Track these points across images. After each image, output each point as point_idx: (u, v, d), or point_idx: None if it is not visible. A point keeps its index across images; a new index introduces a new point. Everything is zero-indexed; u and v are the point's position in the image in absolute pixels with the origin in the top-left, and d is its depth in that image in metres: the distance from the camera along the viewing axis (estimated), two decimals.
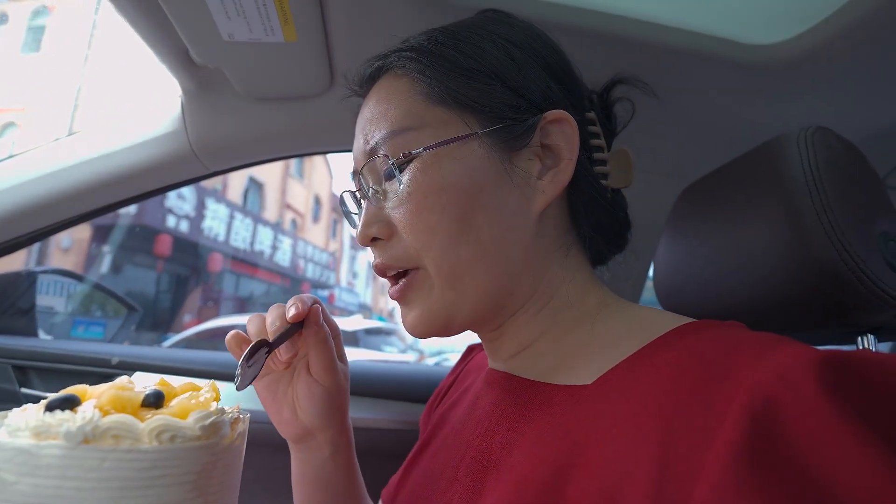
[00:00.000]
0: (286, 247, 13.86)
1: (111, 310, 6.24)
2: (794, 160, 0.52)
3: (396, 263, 0.43)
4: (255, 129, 0.81)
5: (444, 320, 0.43)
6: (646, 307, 0.42)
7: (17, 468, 0.25)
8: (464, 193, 0.40)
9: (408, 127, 0.42)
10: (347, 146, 0.90)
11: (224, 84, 0.76)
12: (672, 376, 0.30)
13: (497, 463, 0.38)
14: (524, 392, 0.42)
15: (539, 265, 0.43)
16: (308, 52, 0.69)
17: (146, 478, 0.26)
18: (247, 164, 0.87)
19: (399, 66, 0.44)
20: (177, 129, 0.79)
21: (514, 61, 0.43)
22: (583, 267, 0.46)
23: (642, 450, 0.28)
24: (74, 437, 0.26)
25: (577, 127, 0.42)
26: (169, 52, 0.70)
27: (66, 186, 0.79)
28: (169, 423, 0.28)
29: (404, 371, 1.02)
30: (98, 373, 0.88)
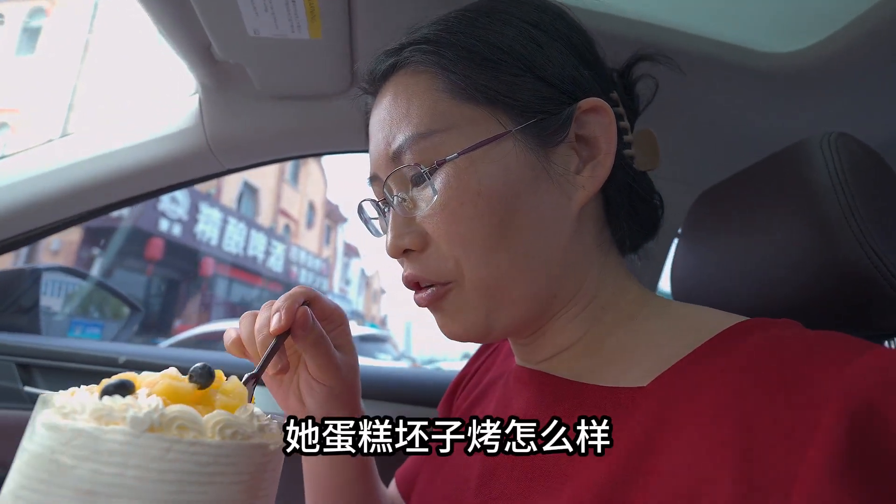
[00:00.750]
0: (279, 252, 13.78)
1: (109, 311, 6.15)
2: (819, 164, 0.52)
3: (432, 277, 0.41)
4: (272, 127, 0.81)
5: (484, 330, 0.41)
6: (686, 304, 0.41)
7: (76, 451, 0.24)
8: (502, 197, 0.38)
9: (434, 129, 0.39)
10: (364, 148, 0.90)
11: (243, 81, 0.76)
12: (745, 378, 0.29)
13: (545, 467, 0.37)
14: (568, 393, 0.40)
15: (579, 265, 0.42)
16: (330, 51, 0.69)
17: (206, 473, 0.25)
18: (262, 163, 0.86)
19: (416, 60, 0.41)
20: (194, 125, 0.79)
21: (541, 47, 0.40)
22: (617, 261, 0.45)
23: (720, 455, 0.27)
24: (141, 424, 0.25)
25: (614, 114, 0.40)
26: (190, 46, 0.69)
27: (80, 181, 0.78)
28: (230, 418, 0.27)
29: (409, 375, 1.02)
30: (104, 372, 0.86)
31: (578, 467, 0.34)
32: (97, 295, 5.64)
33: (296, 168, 15.70)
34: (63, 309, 4.55)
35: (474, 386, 0.59)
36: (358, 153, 0.88)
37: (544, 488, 0.36)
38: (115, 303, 6.70)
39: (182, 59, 0.73)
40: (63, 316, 4.50)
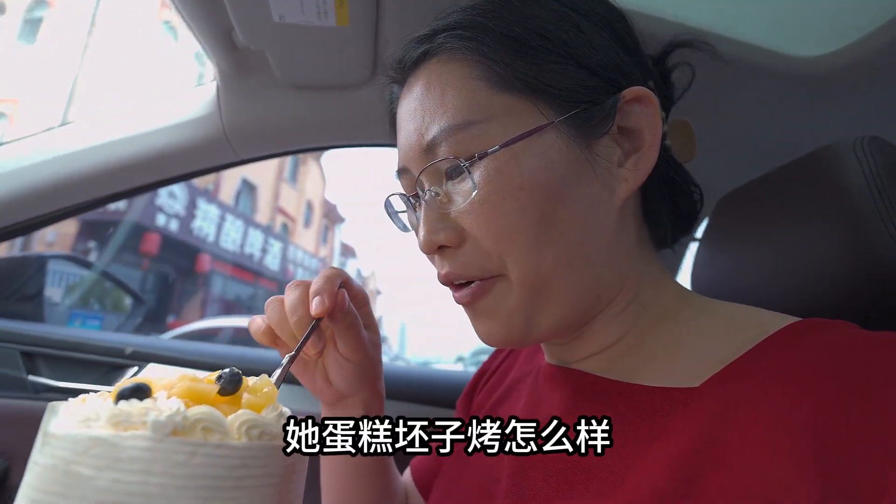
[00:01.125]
0: (276, 251, 13.73)
1: (109, 303, 6.09)
2: (854, 167, 0.52)
3: (472, 273, 0.39)
4: (290, 117, 0.79)
5: (525, 331, 0.39)
6: (730, 304, 0.40)
7: (95, 461, 0.22)
8: (545, 191, 0.36)
9: (472, 120, 0.37)
10: (383, 141, 0.89)
11: (262, 68, 0.75)
12: (813, 378, 0.28)
13: (593, 471, 0.35)
14: (610, 393, 0.39)
15: (621, 262, 0.41)
16: (355, 39, 0.68)
17: (235, 477, 0.24)
18: (278, 154, 0.85)
19: (452, 47, 0.39)
20: (211, 113, 0.77)
21: (582, 32, 0.38)
22: (655, 258, 0.44)
23: (795, 458, 0.26)
24: (163, 428, 0.23)
25: (659, 104, 0.39)
26: (211, 31, 0.68)
27: (93, 166, 0.76)
28: (256, 418, 0.26)
29: (422, 374, 1.00)
30: (110, 363, 0.85)
31: (630, 469, 0.33)
32: (98, 286, 5.58)
33: (295, 166, 15.67)
34: (63, 300, 4.49)
35: (496, 385, 0.58)
36: (376, 147, 0.87)
37: (587, 490, 0.35)
38: (115, 295, 6.64)
39: (202, 45, 0.72)
40: (63, 307, 4.45)
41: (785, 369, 0.29)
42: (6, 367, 0.79)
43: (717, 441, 0.29)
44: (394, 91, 0.48)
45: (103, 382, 0.83)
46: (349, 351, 0.45)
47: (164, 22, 10.83)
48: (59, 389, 0.81)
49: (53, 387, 0.80)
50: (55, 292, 4.18)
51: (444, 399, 0.93)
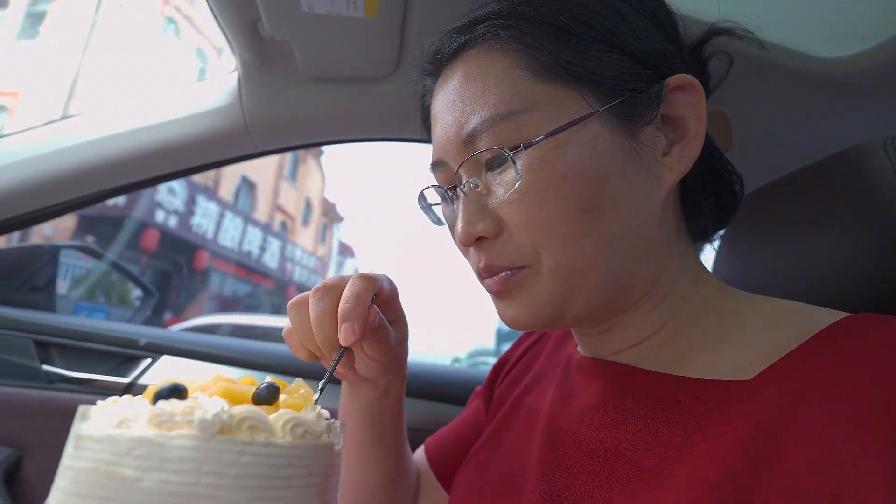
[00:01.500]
0: (275, 249, 13.70)
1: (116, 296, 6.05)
2: (885, 166, 0.52)
3: (507, 264, 0.39)
4: (311, 110, 0.79)
5: (553, 318, 0.39)
6: (774, 299, 0.39)
7: (140, 462, 0.22)
8: (589, 181, 0.36)
9: (515, 110, 0.36)
10: (404, 135, 0.89)
11: (285, 60, 0.74)
12: (882, 372, 0.27)
13: (636, 464, 0.34)
14: (651, 385, 0.38)
15: (661, 254, 0.40)
16: (381, 32, 0.68)
17: (282, 476, 0.24)
18: (298, 146, 0.84)
19: (493, 37, 0.38)
20: (232, 104, 0.77)
21: (625, 19, 0.38)
22: (692, 250, 0.44)
23: (861, 455, 0.25)
24: (210, 427, 0.22)
25: (704, 92, 0.38)
26: (237, 21, 0.67)
27: (112, 155, 0.76)
28: (300, 417, 0.26)
29: (433, 371, 1.00)
30: (123, 353, 0.84)
31: (679, 462, 0.32)
32: (104, 279, 5.55)
33: (294, 164, 15.66)
34: (69, 292, 4.46)
35: (520, 375, 0.58)
36: (396, 141, 0.87)
37: (630, 482, 0.34)
38: (122, 289, 6.61)
39: (226, 35, 0.71)
40: (68, 299, 4.41)
41: (847, 361, 0.29)
42: (20, 356, 0.79)
43: (779, 433, 0.29)
44: (426, 84, 0.47)
45: (116, 373, 0.83)
46: (375, 353, 0.45)
47: (166, 18, 10.81)
48: (72, 379, 0.80)
49: (67, 377, 0.79)
50: (61, 284, 4.15)
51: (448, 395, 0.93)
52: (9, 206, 0.75)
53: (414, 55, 0.47)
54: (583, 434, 0.40)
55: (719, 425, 0.32)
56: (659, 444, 0.34)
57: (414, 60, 0.47)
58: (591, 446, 0.39)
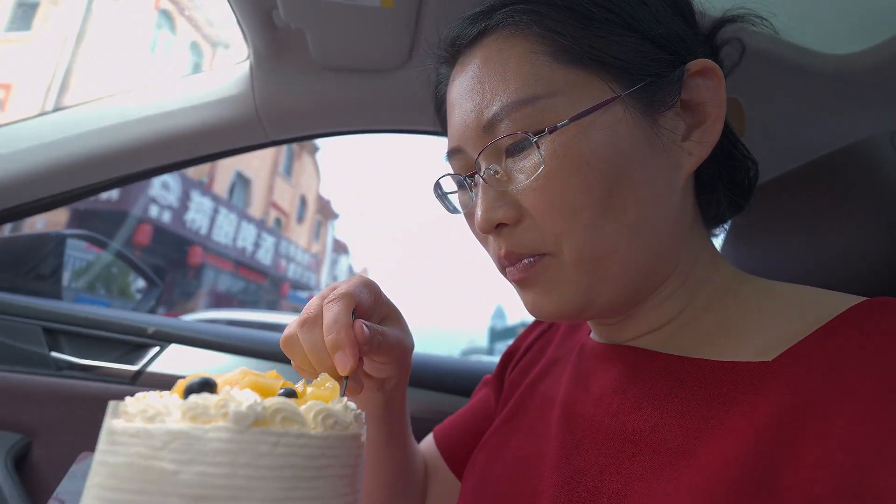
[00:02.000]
0: (269, 245, 13.64)
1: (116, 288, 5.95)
2: (893, 160, 0.53)
3: (528, 251, 0.39)
4: (323, 100, 0.79)
5: (580, 308, 0.39)
6: (790, 284, 0.40)
7: (177, 455, 0.22)
8: (612, 167, 0.36)
9: (537, 94, 0.36)
10: (415, 126, 0.89)
11: (298, 49, 0.74)
12: None
13: (658, 445, 0.35)
14: (670, 368, 0.38)
15: (681, 240, 0.41)
16: (396, 21, 0.68)
17: (315, 467, 0.24)
18: (309, 136, 0.85)
19: (513, 22, 0.38)
20: (243, 92, 0.77)
21: (646, 4, 0.38)
22: (707, 237, 0.44)
23: (884, 429, 0.26)
24: (244, 419, 0.23)
25: (723, 77, 0.38)
26: (253, 9, 0.68)
27: (121, 142, 0.75)
28: (330, 408, 0.26)
29: (438, 362, 1.01)
30: (132, 342, 0.84)
31: (702, 443, 0.32)
32: (105, 271, 5.47)
33: (289, 160, 15.59)
34: (69, 283, 4.40)
35: (531, 363, 0.58)
36: (407, 133, 0.87)
37: (652, 464, 0.34)
38: (122, 281, 6.53)
39: (240, 24, 0.71)
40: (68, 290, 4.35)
41: (871, 342, 0.30)
42: (29, 342, 0.78)
43: (802, 413, 0.29)
44: (441, 72, 0.47)
45: (125, 361, 0.83)
46: (381, 359, 0.44)
47: (161, 11, 10.71)
48: (80, 367, 0.80)
49: (75, 364, 0.79)
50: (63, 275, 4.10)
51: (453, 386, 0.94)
52: (9, 195, 0.75)
53: (429, 45, 0.47)
54: (601, 418, 0.41)
55: (742, 405, 0.32)
56: (680, 425, 0.34)
57: (430, 49, 0.47)
58: (610, 430, 0.39)
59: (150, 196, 9.25)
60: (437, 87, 0.49)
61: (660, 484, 0.33)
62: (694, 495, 0.30)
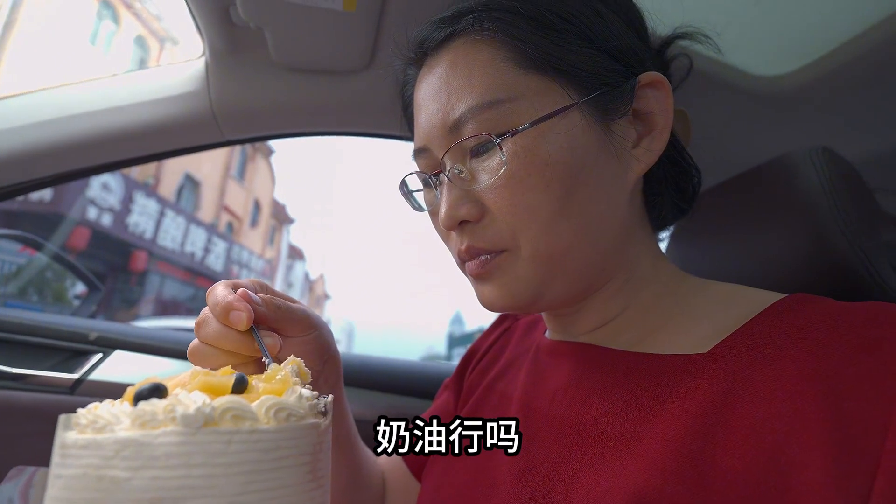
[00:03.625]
0: (220, 250, 13.09)
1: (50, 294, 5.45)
2: (811, 173, 0.58)
3: (488, 246, 0.41)
4: (281, 100, 0.78)
5: (530, 301, 0.41)
6: (721, 283, 0.44)
7: (129, 462, 0.22)
8: (568, 169, 0.38)
9: (500, 98, 0.38)
10: (375, 130, 0.89)
11: (257, 48, 0.73)
12: (820, 339, 0.31)
13: (606, 433, 0.37)
14: (618, 362, 0.41)
15: (627, 239, 0.43)
16: (358, 25, 0.68)
17: (270, 459, 0.25)
18: (266, 137, 0.83)
19: (479, 28, 0.40)
20: (198, 90, 0.75)
21: (602, 18, 0.40)
22: (654, 243, 0.47)
23: (805, 409, 0.29)
24: (193, 421, 0.23)
25: (671, 90, 0.41)
26: (209, 6, 0.66)
27: (66, 137, 0.71)
28: (281, 401, 0.26)
29: (398, 365, 1.01)
30: (71, 348, 0.79)
31: (646, 428, 0.35)
32: (38, 275, 5.05)
33: (243, 163, 15.07)
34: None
35: (490, 364, 0.60)
36: (365, 136, 0.87)
37: (601, 450, 0.36)
38: (58, 286, 6.02)
39: (195, 19, 0.70)
40: None
41: (789, 333, 0.33)
42: None
43: (733, 398, 0.32)
44: (409, 73, 0.48)
45: (63, 369, 0.77)
46: (292, 326, 0.43)
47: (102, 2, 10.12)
48: (12, 376, 0.74)
49: (6, 373, 0.74)
50: None
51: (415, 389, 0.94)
52: None
53: (397, 46, 0.48)
54: (555, 411, 0.43)
55: (680, 394, 0.35)
56: (626, 414, 0.37)
57: (398, 50, 0.47)
58: (563, 422, 0.41)
59: (88, 198, 8.67)
60: (403, 88, 0.51)
61: (607, 468, 0.35)
62: (637, 477, 0.32)
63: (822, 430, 0.28)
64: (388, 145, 0.95)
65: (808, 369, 0.30)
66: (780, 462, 0.28)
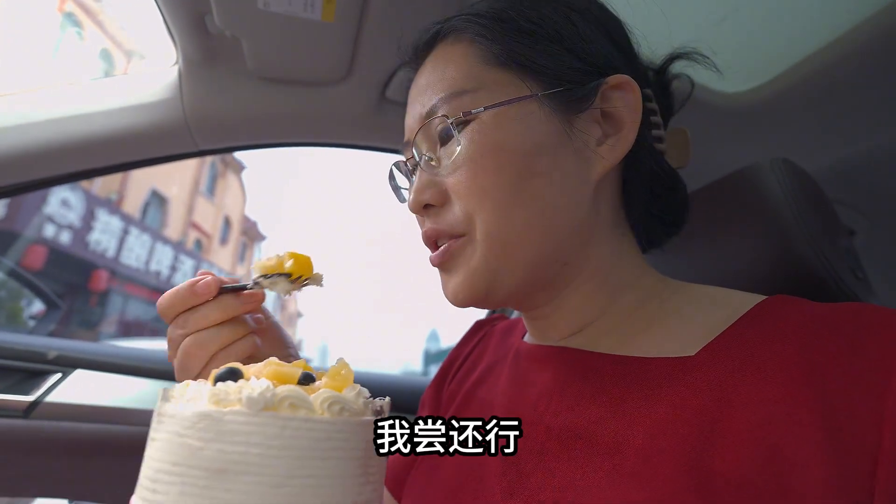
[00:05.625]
0: (187, 268, 12.69)
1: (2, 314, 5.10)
2: (773, 184, 0.60)
3: (447, 229, 0.42)
4: (257, 110, 0.77)
5: (486, 289, 0.42)
6: (702, 286, 0.44)
7: (202, 433, 0.25)
8: (522, 155, 0.40)
9: (465, 89, 0.41)
10: (350, 141, 0.89)
11: (231, 57, 0.73)
12: (806, 336, 0.32)
13: (596, 439, 0.37)
14: (603, 366, 0.41)
15: (593, 240, 0.44)
16: (335, 36, 0.69)
17: (322, 448, 0.26)
18: (241, 147, 0.82)
19: (458, 29, 0.44)
20: (171, 98, 0.73)
21: (574, 25, 0.43)
22: (635, 251, 0.47)
23: (798, 410, 0.29)
24: (256, 403, 0.26)
25: (640, 93, 0.42)
26: (184, 13, 0.65)
27: (33, 144, 0.68)
28: (336, 395, 0.28)
29: (382, 380, 0.99)
30: (27, 368, 0.74)
31: (636, 430, 0.35)
32: None
33: (212, 179, 14.75)
34: None
35: (469, 371, 0.59)
36: (341, 147, 0.87)
37: (591, 452, 0.36)
38: (12, 306, 5.67)
39: (169, 28, 0.69)
40: None
41: (775, 336, 0.34)
42: None
43: (726, 403, 0.32)
44: (410, 76, 0.50)
45: (17, 391, 0.73)
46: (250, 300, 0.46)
47: (65, 13, 9.86)
48: None
49: None
50: None
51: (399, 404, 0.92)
52: None
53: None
54: (540, 419, 0.42)
55: (671, 396, 0.35)
56: (615, 419, 0.37)
57: (399, 54, 0.51)
58: (550, 429, 0.40)
59: (45, 214, 8.29)
60: (409, 91, 0.52)
61: (598, 476, 0.34)
62: (633, 487, 0.32)
63: (816, 430, 0.28)
64: (366, 158, 0.95)
65: (797, 371, 0.31)
66: (777, 465, 0.29)
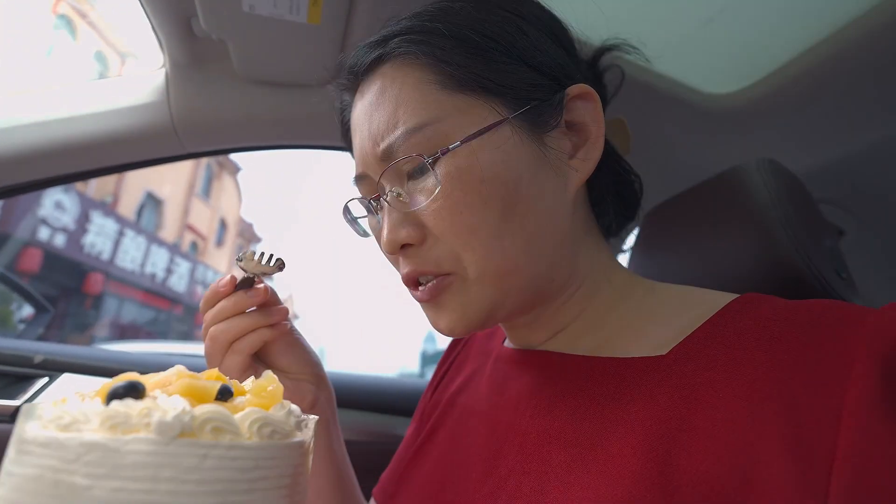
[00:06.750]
0: (183, 271, 12.65)
1: None
2: (759, 185, 0.61)
3: (432, 269, 0.40)
4: (245, 113, 0.77)
5: (484, 319, 0.41)
6: (673, 285, 0.45)
7: (90, 469, 0.20)
8: (504, 184, 0.38)
9: (427, 122, 0.38)
10: (339, 143, 0.88)
11: (219, 60, 0.73)
12: (773, 336, 0.32)
13: (570, 441, 0.37)
14: (579, 369, 0.41)
15: (574, 248, 0.44)
16: (322, 38, 0.69)
17: (248, 479, 0.22)
18: (227, 150, 0.81)
19: (405, 52, 0.39)
20: (158, 101, 0.73)
21: (526, 35, 0.40)
22: (603, 245, 0.47)
23: (763, 407, 0.29)
24: (169, 430, 0.21)
25: (600, 99, 0.41)
26: (170, 17, 0.65)
27: (14, 147, 0.68)
28: (267, 416, 0.24)
29: (380, 383, 0.99)
30: (12, 373, 0.74)
31: (609, 433, 0.35)
32: None
33: (208, 181, 14.72)
34: None
35: (452, 378, 0.59)
36: (331, 149, 0.87)
37: (566, 457, 0.36)
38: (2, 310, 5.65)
39: (155, 30, 0.68)
40: None
41: (746, 333, 0.34)
42: None
43: (694, 401, 0.32)
44: (345, 98, 0.48)
45: (4, 395, 0.72)
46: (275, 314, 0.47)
47: (59, 16, 9.82)
48: None
49: None
50: None
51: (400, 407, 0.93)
52: None
53: (325, 70, 0.48)
54: (519, 422, 0.42)
55: (643, 397, 0.35)
56: (590, 420, 0.37)
57: (330, 78, 0.48)
58: (528, 432, 0.41)
59: (39, 217, 8.25)
60: (342, 114, 0.50)
61: (574, 477, 0.35)
62: (603, 485, 0.32)
63: (778, 425, 0.28)
64: None
65: (763, 367, 0.31)
66: (741, 461, 0.29)
